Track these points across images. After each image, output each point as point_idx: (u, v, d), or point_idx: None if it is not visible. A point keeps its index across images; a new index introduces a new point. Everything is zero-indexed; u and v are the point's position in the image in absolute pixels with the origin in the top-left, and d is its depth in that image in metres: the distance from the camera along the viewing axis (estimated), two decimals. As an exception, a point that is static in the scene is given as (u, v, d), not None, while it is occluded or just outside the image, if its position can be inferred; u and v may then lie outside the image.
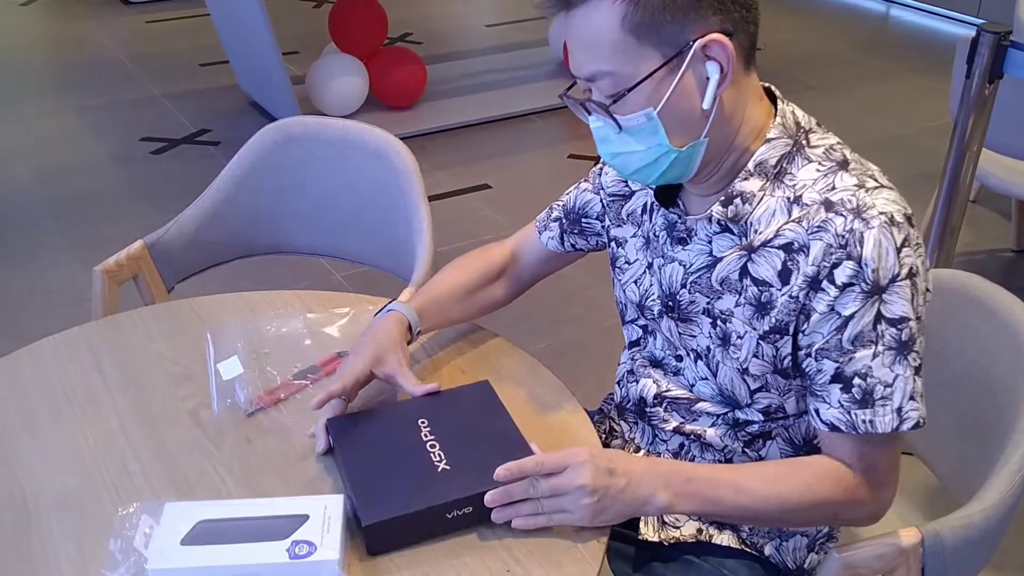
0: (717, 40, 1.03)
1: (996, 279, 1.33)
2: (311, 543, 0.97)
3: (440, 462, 1.09)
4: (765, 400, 1.18)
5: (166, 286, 1.74)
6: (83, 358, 1.33)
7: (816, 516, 1.14)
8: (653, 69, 1.04)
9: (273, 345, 1.37)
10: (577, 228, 1.39)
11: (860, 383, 1.06)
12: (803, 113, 1.16)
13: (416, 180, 1.75)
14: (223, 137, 4.06)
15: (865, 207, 1.05)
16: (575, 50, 1.07)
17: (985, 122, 2.16)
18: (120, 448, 1.17)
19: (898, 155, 4.01)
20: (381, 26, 4.23)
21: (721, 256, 1.15)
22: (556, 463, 1.05)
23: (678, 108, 1.06)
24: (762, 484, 1.10)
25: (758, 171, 1.11)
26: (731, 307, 1.15)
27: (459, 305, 1.39)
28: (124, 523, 1.01)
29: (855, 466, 1.10)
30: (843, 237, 1.05)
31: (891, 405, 1.06)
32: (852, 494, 1.10)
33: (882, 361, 1.05)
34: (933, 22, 5.92)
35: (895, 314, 1.05)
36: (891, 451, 1.11)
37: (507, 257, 1.45)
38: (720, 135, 1.10)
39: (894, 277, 1.04)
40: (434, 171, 3.80)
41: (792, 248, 1.08)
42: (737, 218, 1.12)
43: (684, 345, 1.23)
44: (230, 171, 1.82)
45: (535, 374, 1.33)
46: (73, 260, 3.14)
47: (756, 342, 1.14)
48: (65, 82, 4.66)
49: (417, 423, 1.15)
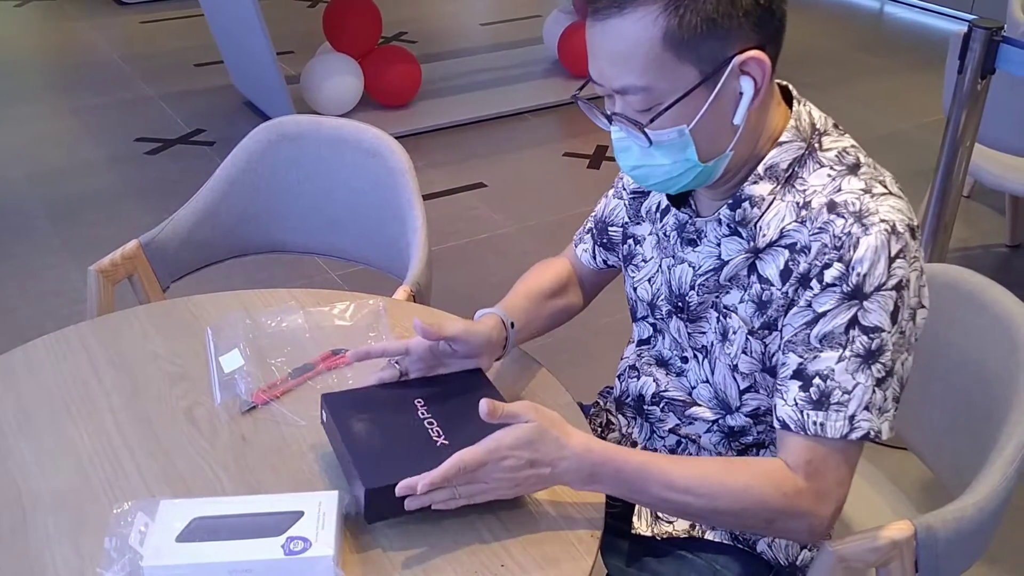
0: (755, 57, 1.02)
1: (990, 274, 1.34)
2: (306, 539, 0.97)
3: (439, 438, 1.10)
4: (754, 402, 1.19)
5: (161, 285, 1.74)
6: (78, 357, 1.33)
7: (749, 520, 1.09)
8: (691, 87, 1.02)
9: (274, 339, 1.38)
10: (605, 238, 1.38)
11: (819, 384, 1.05)
12: (820, 113, 1.15)
13: (410, 179, 1.75)
14: (218, 137, 4.06)
15: (867, 212, 1.04)
16: (605, 61, 1.04)
17: (978, 117, 2.17)
18: (115, 447, 1.18)
19: (892, 151, 4.02)
20: (376, 25, 4.23)
21: (729, 259, 1.14)
22: (478, 461, 1.01)
23: (710, 124, 1.05)
24: (696, 481, 1.05)
25: (768, 175, 1.10)
26: (735, 302, 1.15)
27: (541, 307, 1.35)
28: (119, 521, 1.01)
29: (800, 471, 1.06)
30: (839, 239, 1.04)
31: (845, 412, 1.04)
32: (792, 501, 1.05)
33: (846, 367, 1.04)
34: (927, 18, 5.93)
35: (871, 323, 1.03)
36: (841, 462, 1.07)
37: (567, 266, 1.43)
38: (745, 147, 1.10)
39: (879, 286, 1.03)
40: (429, 169, 3.81)
41: (796, 248, 1.08)
42: (745, 222, 1.12)
43: (693, 344, 1.22)
44: (224, 170, 1.82)
45: (528, 369, 1.34)
46: (68, 260, 3.14)
47: (745, 338, 1.14)
48: (60, 83, 4.65)
49: (413, 402, 1.16)
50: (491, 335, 1.22)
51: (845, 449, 1.06)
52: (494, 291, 3.26)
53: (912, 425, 1.45)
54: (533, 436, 1.02)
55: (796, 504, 1.05)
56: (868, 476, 1.55)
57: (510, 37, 5.43)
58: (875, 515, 1.47)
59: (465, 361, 1.22)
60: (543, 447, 1.03)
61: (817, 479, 1.06)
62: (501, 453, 1.01)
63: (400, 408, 1.15)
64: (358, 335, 1.39)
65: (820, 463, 1.06)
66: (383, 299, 1.48)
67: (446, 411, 1.15)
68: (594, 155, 3.93)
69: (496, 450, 1.01)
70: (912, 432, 1.45)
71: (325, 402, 1.16)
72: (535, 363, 1.35)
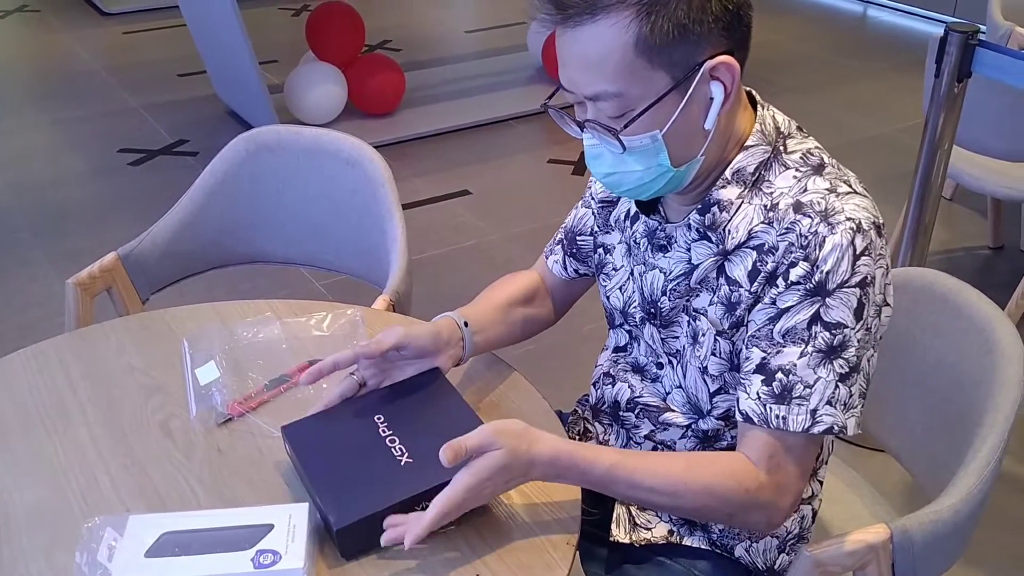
0: (726, 62, 1.03)
1: (972, 276, 1.35)
2: (276, 552, 0.97)
3: (402, 456, 1.09)
4: (725, 404, 1.19)
5: (140, 298, 1.74)
6: (53, 371, 1.33)
7: (712, 515, 1.13)
8: (663, 92, 1.03)
9: (250, 351, 1.38)
10: (574, 248, 1.38)
11: (782, 378, 1.06)
12: (783, 117, 1.16)
13: (390, 188, 1.75)
14: (201, 147, 4.05)
15: (833, 211, 1.05)
16: (575, 68, 1.04)
17: (955, 120, 2.18)
18: (90, 460, 1.17)
19: (876, 154, 4.03)
20: (359, 34, 4.23)
21: (699, 263, 1.15)
22: (458, 504, 1.00)
23: (682, 129, 1.06)
24: (660, 481, 1.06)
25: (736, 179, 1.11)
26: (705, 305, 1.15)
27: (506, 314, 1.35)
28: (89, 536, 1.01)
29: (762, 465, 1.07)
30: (806, 238, 1.05)
31: (807, 406, 1.05)
32: (753, 495, 1.06)
33: (808, 362, 1.05)
34: (910, 22, 5.96)
35: (833, 319, 1.04)
36: (802, 456, 1.08)
37: (536, 277, 1.43)
38: (715, 151, 1.10)
39: (843, 283, 1.04)
40: (414, 178, 3.81)
41: (763, 249, 1.09)
42: (715, 226, 1.12)
43: (667, 350, 1.23)
44: (203, 181, 1.82)
45: (507, 379, 1.34)
46: (51, 273, 3.13)
47: (714, 339, 1.14)
48: (43, 94, 4.64)
49: (373, 419, 1.15)
50: (439, 333, 1.22)
51: (807, 443, 1.08)
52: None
53: (890, 428, 1.45)
54: (505, 461, 1.01)
55: (757, 498, 1.07)
56: (848, 480, 1.56)
57: (495, 44, 5.44)
58: (854, 519, 1.48)
59: (422, 362, 1.21)
60: (516, 467, 1.02)
61: (778, 473, 1.07)
62: (479, 488, 1.01)
63: (360, 428, 1.14)
64: (335, 345, 1.39)
65: (781, 457, 1.07)
66: (360, 309, 1.47)
67: (407, 425, 1.14)
68: (579, 162, 3.93)
69: (473, 486, 1.00)
70: (890, 435, 1.46)
71: (285, 435, 1.15)
72: (512, 370, 1.35)
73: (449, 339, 1.24)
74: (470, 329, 1.27)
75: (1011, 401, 1.18)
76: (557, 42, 1.05)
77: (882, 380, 1.43)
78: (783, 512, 1.09)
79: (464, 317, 1.27)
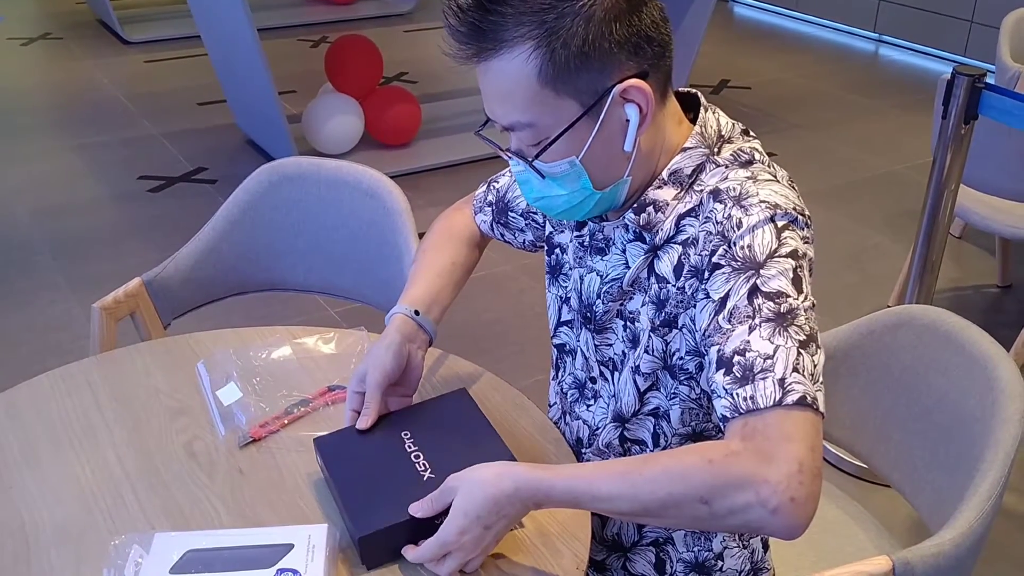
0: (635, 85, 1.04)
1: (981, 314, 1.37)
2: (296, 571, 1.00)
3: (425, 471, 1.14)
4: (655, 400, 1.19)
5: (162, 322, 1.78)
6: (82, 392, 1.37)
7: (685, 508, 0.94)
8: (574, 119, 1.04)
9: (264, 372, 1.42)
10: (504, 219, 1.42)
11: (740, 360, 0.98)
12: (727, 120, 1.16)
13: (407, 219, 1.80)
14: (220, 175, 4.11)
15: (747, 195, 1.05)
16: (492, 100, 1.07)
17: (962, 161, 2.22)
18: (117, 480, 1.21)
19: (886, 192, 4.07)
20: (377, 66, 4.30)
21: (633, 263, 1.16)
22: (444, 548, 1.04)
23: (600, 153, 1.07)
24: (617, 482, 0.97)
25: (672, 180, 1.12)
26: (638, 307, 1.17)
27: (448, 280, 1.38)
28: (116, 553, 1.05)
29: (736, 436, 0.95)
30: (721, 224, 1.06)
31: (772, 377, 0.95)
32: (721, 468, 0.92)
33: (760, 334, 0.98)
34: (921, 60, 6.01)
35: (772, 288, 1.00)
36: (783, 421, 0.94)
37: (473, 229, 1.47)
38: (642, 170, 1.12)
39: (772, 252, 1.02)
40: (429, 208, 3.86)
41: (687, 243, 1.10)
42: (650, 225, 1.13)
43: (600, 358, 1.24)
44: (226, 210, 1.87)
45: (522, 408, 1.37)
46: (71, 298, 3.18)
47: (648, 336, 1.15)
48: (64, 121, 4.72)
49: (400, 435, 1.21)
50: (399, 350, 1.24)
51: (785, 415, 0.94)
52: (488, 328, 3.29)
53: (893, 462, 1.48)
54: (471, 511, 1.01)
55: (729, 470, 0.92)
56: (853, 513, 1.58)
57: (509, 78, 5.49)
58: (858, 552, 1.50)
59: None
60: (485, 515, 1.01)
61: (755, 439, 0.94)
62: (455, 542, 1.02)
63: (388, 444, 1.20)
64: (345, 364, 1.45)
65: (757, 423, 0.95)
66: (365, 331, 1.52)
67: (431, 442, 1.19)
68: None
69: (463, 526, 1.02)
70: (893, 469, 1.48)
71: (317, 447, 1.21)
72: (527, 401, 1.39)
73: (412, 338, 1.27)
74: (423, 316, 1.30)
75: (1012, 437, 1.21)
76: (477, 76, 1.08)
77: (886, 415, 1.46)
78: (779, 487, 0.90)
79: (414, 305, 1.30)
